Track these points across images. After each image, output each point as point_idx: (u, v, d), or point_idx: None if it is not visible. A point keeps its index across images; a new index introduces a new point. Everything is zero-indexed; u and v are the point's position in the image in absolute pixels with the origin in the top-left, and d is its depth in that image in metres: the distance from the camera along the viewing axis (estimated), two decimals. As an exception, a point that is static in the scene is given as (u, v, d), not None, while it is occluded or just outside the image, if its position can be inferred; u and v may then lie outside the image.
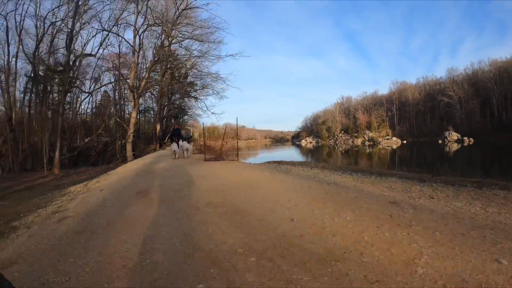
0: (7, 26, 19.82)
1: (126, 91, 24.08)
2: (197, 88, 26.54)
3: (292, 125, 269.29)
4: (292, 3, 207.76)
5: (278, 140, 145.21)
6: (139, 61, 19.85)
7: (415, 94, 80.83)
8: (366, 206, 3.88)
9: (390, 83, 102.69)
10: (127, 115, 28.27)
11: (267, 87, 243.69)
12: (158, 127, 24.08)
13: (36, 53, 21.08)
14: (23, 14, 21.33)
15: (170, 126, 26.12)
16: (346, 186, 5.76)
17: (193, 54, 19.94)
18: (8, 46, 20.46)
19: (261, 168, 8.68)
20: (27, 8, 21.41)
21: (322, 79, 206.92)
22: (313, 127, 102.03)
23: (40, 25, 21.22)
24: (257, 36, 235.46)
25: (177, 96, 28.11)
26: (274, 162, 12.99)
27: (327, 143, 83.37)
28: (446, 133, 61.74)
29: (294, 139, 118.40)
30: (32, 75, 20.78)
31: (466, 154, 35.94)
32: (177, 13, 16.26)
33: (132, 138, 19.53)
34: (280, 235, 2.99)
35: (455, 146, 52.20)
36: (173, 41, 20.24)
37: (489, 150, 39.03)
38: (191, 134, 26.53)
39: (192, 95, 26.81)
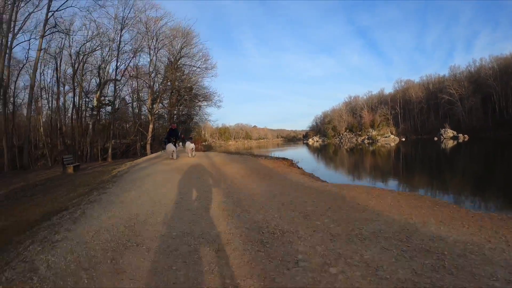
0: (56, 64, 28.01)
1: (144, 106, 32.25)
2: (201, 99, 34.56)
3: (304, 124, 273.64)
4: (303, 1, 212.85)
5: (290, 139, 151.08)
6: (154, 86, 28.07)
7: (418, 92, 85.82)
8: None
9: (395, 82, 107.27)
10: (143, 117, 36.58)
11: (280, 86, 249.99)
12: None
13: (75, 78, 29.47)
14: (61, 47, 29.44)
15: (179, 130, 33.93)
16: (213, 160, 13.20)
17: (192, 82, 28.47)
18: (58, 78, 28.57)
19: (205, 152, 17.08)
20: (64, 41, 29.43)
21: (335, 77, 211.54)
22: (320, 126, 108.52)
23: (74, 55, 29.22)
24: (269, 35, 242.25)
25: (184, 104, 36.05)
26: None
27: (332, 141, 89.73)
28: (442, 131, 66.67)
29: (305, 138, 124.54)
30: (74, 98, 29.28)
31: (428, 149, 42.16)
32: (178, 55, 24.84)
33: (150, 141, 27.57)
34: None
35: (450, 143, 57.38)
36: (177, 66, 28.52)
37: (470, 146, 44.73)
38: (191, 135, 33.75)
39: (197, 104, 34.70)
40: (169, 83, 28.75)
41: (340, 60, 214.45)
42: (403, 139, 73.77)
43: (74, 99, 29.60)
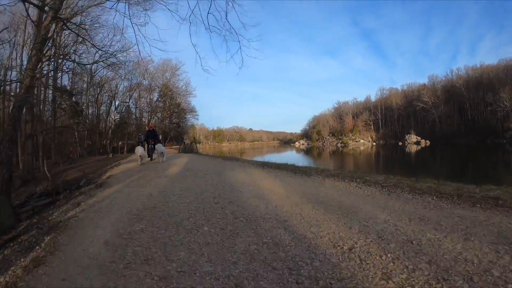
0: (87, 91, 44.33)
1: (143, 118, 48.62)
2: (187, 111, 51.10)
3: (302, 128, 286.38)
4: (307, 2, 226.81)
5: (286, 142, 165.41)
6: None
7: (397, 100, 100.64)
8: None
9: (377, 90, 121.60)
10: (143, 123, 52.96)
11: (283, 87, 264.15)
12: (160, 136, 48.45)
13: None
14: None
15: (172, 137, 50.41)
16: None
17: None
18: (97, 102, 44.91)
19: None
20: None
21: (338, 79, 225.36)
22: (308, 130, 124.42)
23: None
24: (272, 36, 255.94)
25: (174, 116, 52.34)
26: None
27: (316, 145, 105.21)
28: (407, 136, 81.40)
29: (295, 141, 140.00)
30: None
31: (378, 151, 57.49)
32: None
33: (147, 142, 44.01)
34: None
35: (412, 148, 71.90)
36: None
37: (421, 150, 59.46)
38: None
39: (183, 117, 51.14)
40: (161, 100, 45.21)
41: (344, 62, 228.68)
42: (374, 143, 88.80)
43: (98, 111, 46.19)
